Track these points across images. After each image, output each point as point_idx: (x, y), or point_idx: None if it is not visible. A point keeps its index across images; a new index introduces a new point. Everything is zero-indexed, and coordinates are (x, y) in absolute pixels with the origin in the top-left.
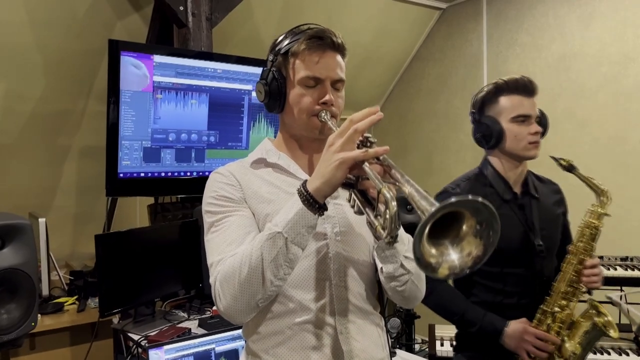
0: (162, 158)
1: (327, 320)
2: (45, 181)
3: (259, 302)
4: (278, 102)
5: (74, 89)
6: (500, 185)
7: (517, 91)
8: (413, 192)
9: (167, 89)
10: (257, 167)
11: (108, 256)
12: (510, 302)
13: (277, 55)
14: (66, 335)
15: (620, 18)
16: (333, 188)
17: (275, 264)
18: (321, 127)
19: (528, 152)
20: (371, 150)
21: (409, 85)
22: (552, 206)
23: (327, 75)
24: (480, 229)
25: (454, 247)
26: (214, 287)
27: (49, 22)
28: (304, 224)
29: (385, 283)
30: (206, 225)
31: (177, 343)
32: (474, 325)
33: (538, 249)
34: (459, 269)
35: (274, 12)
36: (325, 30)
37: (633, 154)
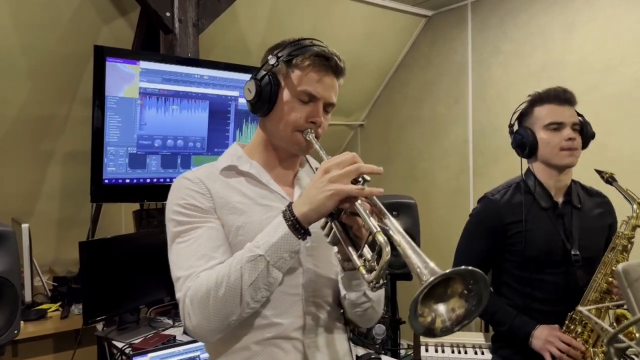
0: (148, 164)
1: (295, 335)
2: (29, 186)
3: (232, 322)
4: (266, 106)
5: (58, 94)
6: (539, 192)
7: (549, 100)
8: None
9: (154, 95)
10: (228, 174)
11: (92, 263)
12: (539, 308)
13: (279, 60)
14: (49, 342)
15: (601, 27)
16: (320, 216)
17: (254, 287)
18: (303, 145)
19: (562, 160)
20: (367, 190)
21: (394, 92)
22: (596, 217)
23: (324, 95)
24: (468, 294)
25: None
26: (183, 303)
27: (33, 26)
28: (288, 249)
29: (347, 308)
30: (171, 234)
31: (162, 351)
32: (504, 325)
33: (574, 258)
34: (449, 323)
35: (260, 19)
36: (332, 52)
37: (614, 162)
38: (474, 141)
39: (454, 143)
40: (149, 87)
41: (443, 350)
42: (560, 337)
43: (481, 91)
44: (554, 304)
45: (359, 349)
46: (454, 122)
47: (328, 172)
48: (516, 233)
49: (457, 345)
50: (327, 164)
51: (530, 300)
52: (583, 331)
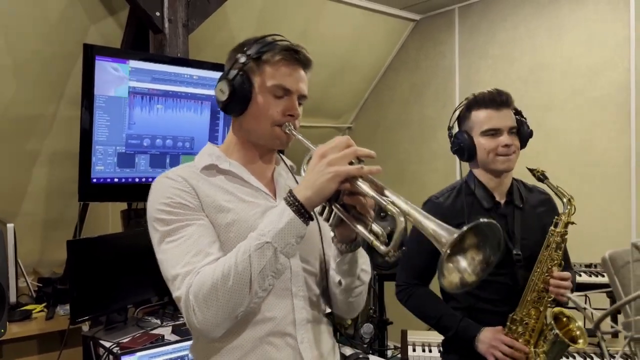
0: (137, 163)
1: (288, 330)
2: (14, 186)
3: (239, 314)
4: (239, 105)
5: (45, 93)
6: (481, 194)
7: (485, 105)
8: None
9: (143, 94)
10: (209, 173)
11: (80, 262)
12: (489, 309)
13: (249, 58)
14: (34, 344)
15: (588, 32)
16: (323, 199)
17: (262, 275)
18: (284, 138)
19: (498, 165)
20: (367, 168)
21: (382, 94)
22: (538, 216)
23: (297, 88)
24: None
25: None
26: (185, 300)
27: (20, 24)
28: (294, 234)
29: (339, 295)
30: (158, 234)
31: (151, 350)
32: (450, 330)
33: (515, 257)
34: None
35: (250, 20)
36: (299, 46)
37: (598, 164)
38: None
39: (442, 146)
40: (138, 87)
41: (430, 350)
42: (504, 340)
43: (469, 94)
44: (499, 304)
45: (346, 349)
46: (442, 125)
47: (325, 156)
48: None
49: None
50: (322, 149)
51: (476, 301)
52: (525, 331)
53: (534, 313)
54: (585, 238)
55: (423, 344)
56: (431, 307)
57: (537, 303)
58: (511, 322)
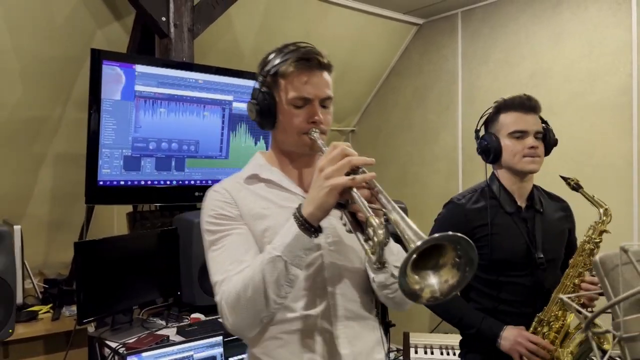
0: (143, 167)
1: (325, 326)
2: (20, 188)
3: (263, 318)
4: (269, 120)
5: (51, 96)
6: (504, 197)
7: (514, 108)
8: (398, 220)
9: (149, 98)
10: (251, 182)
11: (86, 263)
12: (507, 310)
13: (267, 75)
14: (40, 344)
15: (588, 37)
16: (325, 212)
17: (277, 285)
18: (311, 144)
19: (525, 166)
20: (358, 177)
21: (385, 98)
22: (557, 221)
23: (316, 94)
24: (459, 261)
25: (434, 273)
26: (220, 305)
27: (27, 29)
28: (301, 247)
29: (378, 291)
30: (206, 243)
31: (156, 350)
32: (472, 328)
33: (538, 261)
34: (439, 293)
35: (253, 25)
36: (312, 51)
37: (599, 168)
38: (463, 147)
39: (444, 149)
40: (144, 91)
41: (432, 352)
42: (529, 337)
43: (471, 98)
44: (520, 305)
45: None
46: (444, 128)
47: (323, 170)
48: (483, 237)
49: (445, 347)
50: (321, 162)
51: (498, 303)
52: (549, 332)
53: (561, 315)
54: None
55: (425, 346)
56: (454, 305)
57: (565, 305)
58: (537, 322)
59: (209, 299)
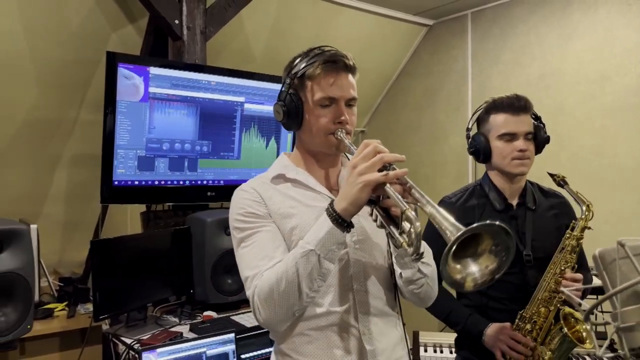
0: (156, 167)
1: (351, 322)
2: (35, 188)
3: (295, 312)
4: (295, 121)
5: (66, 98)
6: (494, 196)
7: (503, 109)
8: (434, 212)
9: (162, 100)
10: (277, 182)
11: (101, 262)
12: (497, 307)
13: (294, 78)
14: (56, 341)
15: (598, 38)
16: (358, 208)
17: (310, 278)
18: (338, 144)
19: (513, 169)
20: (391, 173)
21: (395, 99)
22: (551, 218)
23: (342, 95)
24: (496, 248)
25: (474, 262)
26: (252, 300)
27: (43, 32)
28: (334, 242)
29: (404, 287)
30: (236, 240)
31: (170, 346)
32: (458, 325)
33: (525, 258)
34: (481, 280)
35: (264, 27)
36: (338, 54)
37: (609, 169)
38: None
39: (453, 149)
40: (158, 92)
41: (442, 351)
42: (510, 334)
43: (480, 99)
44: (509, 302)
45: None
46: (454, 129)
47: (356, 167)
48: None
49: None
50: (354, 160)
51: (487, 299)
52: (532, 329)
53: (543, 312)
54: (596, 242)
55: (434, 345)
56: (443, 302)
57: (547, 302)
58: (520, 319)
59: (221, 297)
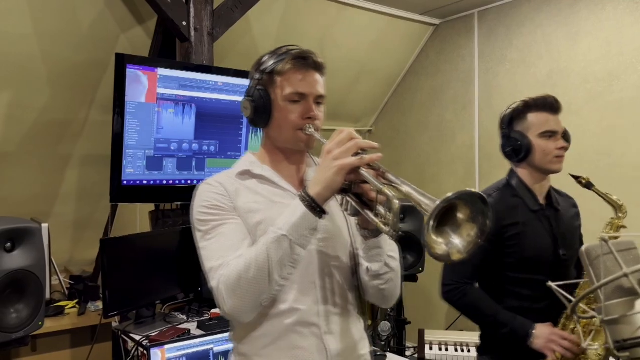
0: (164, 166)
1: (313, 320)
2: (46, 188)
3: (263, 301)
4: (263, 117)
5: (77, 99)
6: (527, 196)
7: (544, 109)
8: (411, 190)
9: (170, 100)
10: (243, 178)
11: (112, 259)
12: (537, 307)
13: (263, 73)
14: (67, 338)
15: (605, 37)
16: (332, 192)
17: (280, 264)
18: (307, 140)
19: (554, 166)
20: (366, 157)
21: (402, 99)
22: (571, 219)
23: (311, 91)
24: (474, 215)
25: (455, 233)
26: (217, 289)
27: (54, 34)
28: (307, 227)
29: (369, 282)
30: (199, 234)
31: (178, 343)
32: (506, 327)
33: (563, 258)
34: (465, 250)
35: (272, 28)
36: (308, 51)
37: (616, 168)
38: (480, 147)
39: (460, 149)
40: (166, 93)
41: (447, 349)
42: (561, 334)
43: (487, 98)
44: (546, 303)
45: None
46: (461, 128)
47: (330, 152)
48: (513, 235)
49: (460, 344)
50: (328, 146)
51: (529, 302)
52: (577, 327)
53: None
54: None
55: (440, 343)
56: (486, 305)
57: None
58: (565, 318)
59: None
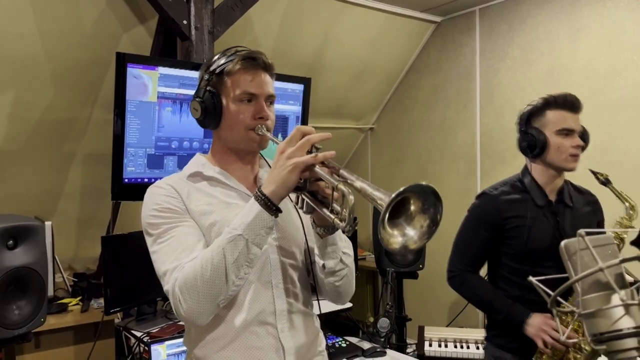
0: (165, 164)
1: (269, 320)
2: (50, 186)
3: (220, 302)
4: (213, 118)
5: (80, 98)
6: (535, 192)
7: (563, 107)
8: (365, 186)
9: (171, 99)
10: (194, 180)
11: (113, 257)
12: (534, 299)
13: (212, 74)
14: (70, 335)
15: (606, 33)
16: (287, 190)
17: (236, 265)
18: (259, 140)
19: (568, 164)
20: (320, 155)
21: (404, 96)
22: (586, 215)
23: (261, 91)
24: (426, 207)
25: (409, 225)
26: (173, 293)
27: (57, 34)
28: (263, 226)
29: (324, 279)
30: (150, 238)
31: (178, 339)
32: (501, 313)
33: None
34: (420, 240)
35: (273, 26)
36: (257, 52)
37: (618, 165)
38: (481, 144)
39: (462, 146)
40: (166, 92)
41: (446, 345)
42: (553, 325)
43: (489, 96)
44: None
45: (365, 343)
46: (463, 126)
47: (284, 151)
48: (514, 227)
49: (459, 341)
50: (281, 145)
51: (526, 292)
52: (572, 321)
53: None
54: None
55: (439, 340)
56: (485, 292)
57: None
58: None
59: None
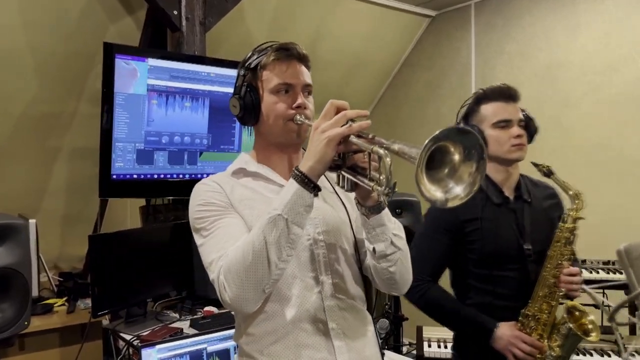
0: (155, 160)
1: (319, 317)
2: (35, 183)
3: (265, 287)
4: (253, 114)
5: (65, 91)
6: (491, 190)
7: (496, 98)
8: (402, 146)
9: (161, 92)
10: (238, 176)
11: (101, 256)
12: (502, 304)
13: (248, 70)
14: (56, 336)
15: (604, 29)
16: (325, 165)
17: (278, 246)
18: (298, 130)
19: (511, 155)
20: (355, 125)
21: (398, 91)
22: (546, 210)
23: (297, 81)
24: (468, 152)
25: (453, 179)
26: (218, 280)
27: (41, 25)
28: (302, 204)
29: (377, 265)
30: (197, 232)
31: (170, 342)
32: (468, 325)
33: (526, 252)
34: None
35: (266, 18)
36: (291, 43)
37: (615, 161)
38: None
39: None
40: (156, 84)
41: (445, 346)
42: (522, 337)
43: None
44: (514, 299)
45: None
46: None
47: (319, 127)
48: (473, 230)
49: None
50: (317, 122)
51: (492, 298)
52: (537, 326)
53: (545, 308)
54: (602, 235)
55: (438, 340)
56: (448, 304)
57: (548, 298)
58: (523, 317)
59: None
